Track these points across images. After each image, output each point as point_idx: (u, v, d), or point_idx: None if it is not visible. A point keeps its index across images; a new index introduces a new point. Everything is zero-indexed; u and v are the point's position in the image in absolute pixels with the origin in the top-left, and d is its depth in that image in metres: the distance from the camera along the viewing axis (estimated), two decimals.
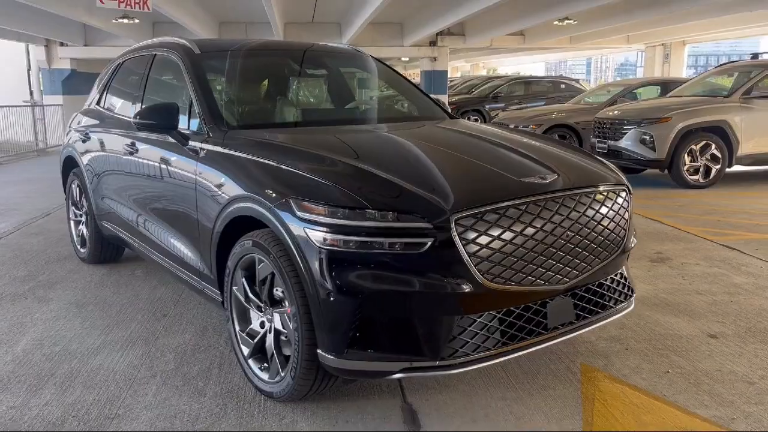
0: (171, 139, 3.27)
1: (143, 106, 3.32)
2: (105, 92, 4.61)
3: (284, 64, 4.00)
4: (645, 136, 8.56)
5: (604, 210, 2.65)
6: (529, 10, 14.31)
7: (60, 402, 2.69)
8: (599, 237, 2.61)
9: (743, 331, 3.40)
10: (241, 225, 2.77)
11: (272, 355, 2.63)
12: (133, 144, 3.71)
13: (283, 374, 2.54)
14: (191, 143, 3.13)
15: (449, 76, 20.36)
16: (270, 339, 2.65)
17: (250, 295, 2.73)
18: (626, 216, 2.79)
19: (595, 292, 2.68)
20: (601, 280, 2.71)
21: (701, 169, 8.37)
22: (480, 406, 2.62)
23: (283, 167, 2.57)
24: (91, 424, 2.50)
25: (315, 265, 2.27)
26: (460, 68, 41.29)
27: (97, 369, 3.00)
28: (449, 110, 3.98)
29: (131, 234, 3.95)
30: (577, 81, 20.12)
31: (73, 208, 4.97)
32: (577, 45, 21.33)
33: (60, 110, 15.66)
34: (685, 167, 8.36)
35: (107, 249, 4.68)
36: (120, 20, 13.07)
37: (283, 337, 2.60)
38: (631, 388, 2.76)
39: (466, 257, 2.25)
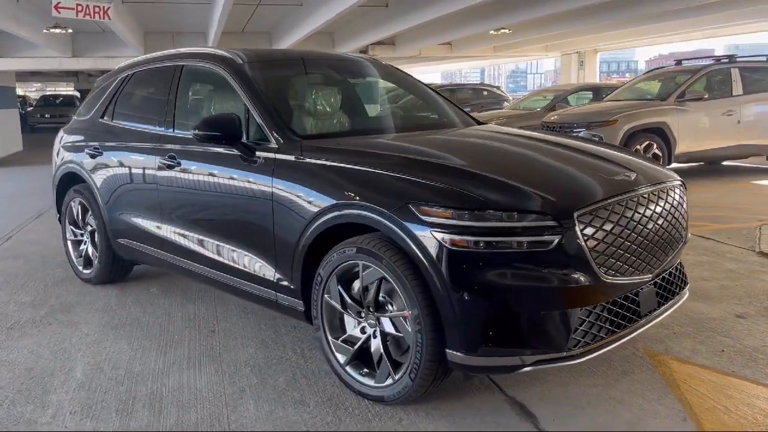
0: (228, 151, 3.23)
1: (203, 118, 3.24)
2: (111, 105, 4.43)
3: (330, 73, 4.01)
4: (594, 138, 9.09)
5: (674, 204, 2.88)
6: (459, 23, 14.77)
7: (164, 424, 2.60)
8: (673, 229, 2.84)
9: (764, 310, 3.74)
10: (329, 235, 2.80)
11: (379, 359, 2.67)
12: (172, 158, 3.61)
13: (396, 377, 2.59)
14: (260, 154, 3.10)
15: None
16: (376, 343, 2.68)
17: (349, 301, 2.75)
18: (686, 209, 3.03)
19: (668, 281, 2.90)
20: (671, 270, 2.94)
21: None
22: (578, 394, 2.77)
23: (389, 173, 2.63)
24: None
25: (446, 267, 2.35)
26: None
27: (179, 389, 2.92)
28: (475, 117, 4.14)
29: (164, 250, 3.83)
30: (497, 88, 20.96)
31: (72, 227, 4.73)
32: (501, 53, 22.24)
33: None
34: None
35: (117, 268, 4.49)
36: (51, 30, 12.35)
37: (387, 341, 2.65)
38: (701, 367, 3.00)
39: (587, 252, 2.39)
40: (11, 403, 2.82)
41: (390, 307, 2.65)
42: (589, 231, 2.42)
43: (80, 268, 4.67)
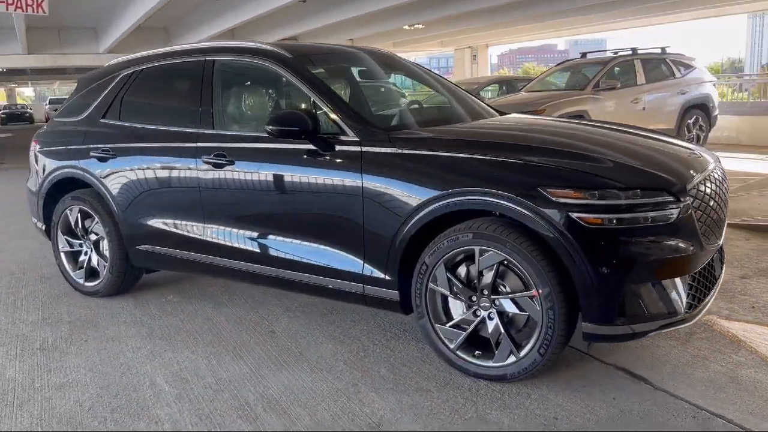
0: (300, 146, 3.18)
1: (276, 114, 3.15)
2: (116, 105, 4.13)
3: (371, 66, 4.00)
4: None
5: (724, 179, 3.22)
6: (304, 16, 14.62)
7: (300, 424, 2.56)
8: (724, 203, 3.18)
9: (758, 271, 4.25)
10: (430, 225, 2.87)
11: (498, 339, 2.77)
12: (220, 156, 3.47)
13: (521, 354, 2.71)
14: (341, 148, 3.09)
15: None
16: (492, 325, 2.79)
17: (460, 286, 2.83)
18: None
19: (721, 251, 3.24)
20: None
21: None
22: (664, 355, 3.04)
23: (508, 160, 2.74)
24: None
25: (583, 244, 2.50)
26: None
27: (287, 390, 2.86)
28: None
29: (206, 253, 3.66)
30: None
31: (67, 237, 4.37)
32: (399, 49, 22.69)
33: None
34: None
35: (129, 277, 4.23)
36: None
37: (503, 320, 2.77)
38: (746, 323, 3.38)
39: (696, 223, 2.65)
40: (115, 422, 2.64)
41: (503, 288, 2.76)
42: (696, 204, 2.67)
43: (81, 281, 4.33)
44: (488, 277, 2.76)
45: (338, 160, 3.09)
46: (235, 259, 3.56)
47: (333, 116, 3.17)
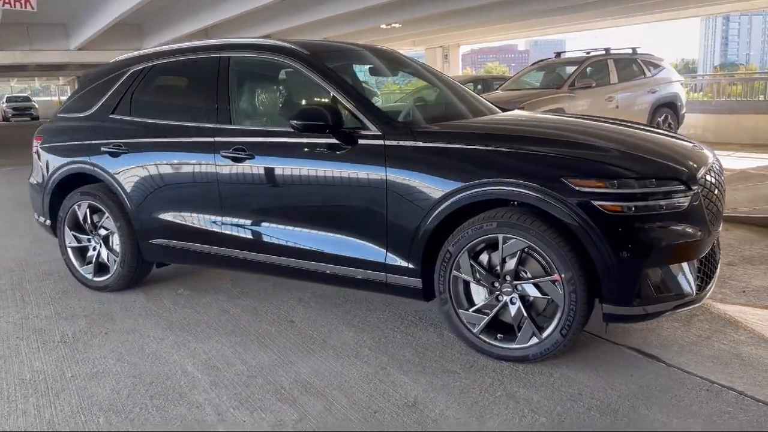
0: (323, 140, 3.28)
1: (301, 109, 3.26)
2: (126, 101, 4.16)
3: (383, 63, 4.11)
4: None
5: (722, 171, 3.44)
6: (279, 15, 14.66)
7: (338, 404, 2.68)
8: (723, 193, 3.40)
9: (743, 259, 4.51)
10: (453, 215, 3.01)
11: (520, 323, 2.93)
12: (239, 150, 3.55)
13: (544, 335, 2.87)
14: (364, 142, 3.20)
15: None
16: (515, 309, 2.94)
17: (483, 273, 2.98)
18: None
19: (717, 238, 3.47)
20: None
21: None
22: (670, 336, 3.24)
23: (531, 152, 2.90)
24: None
25: (605, 231, 2.67)
26: None
27: (319, 374, 2.97)
28: None
29: (223, 246, 3.74)
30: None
31: (74, 233, 4.38)
32: None
33: None
34: None
35: (140, 271, 4.27)
36: None
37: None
38: (740, 305, 3.62)
39: (704, 210, 2.85)
40: (157, 407, 2.71)
41: (524, 274, 2.92)
42: (703, 193, 2.88)
43: (89, 276, 4.34)
44: (511, 263, 2.91)
45: (361, 154, 3.21)
46: (254, 251, 3.64)
47: (354, 111, 3.28)
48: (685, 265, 2.82)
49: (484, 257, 3.01)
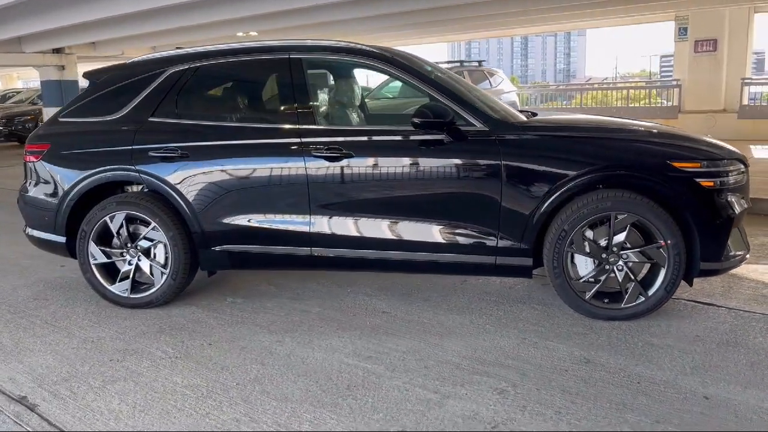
0: (431, 137, 3.54)
1: (420, 109, 3.44)
2: (170, 103, 3.93)
3: (426, 65, 4.33)
4: None
5: None
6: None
7: (512, 372, 3.00)
8: None
9: None
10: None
11: (626, 286, 3.49)
12: (334, 149, 3.62)
13: (650, 293, 3.47)
14: (476, 138, 3.53)
15: None
16: (621, 275, 3.50)
17: (594, 246, 3.49)
18: None
19: None
20: None
21: None
22: (707, 288, 4.04)
23: (635, 141, 3.53)
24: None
25: (704, 202, 3.36)
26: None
27: (485, 349, 3.23)
28: None
29: (316, 246, 3.76)
30: None
31: (102, 248, 3.99)
32: None
33: None
34: None
35: (188, 283, 4.07)
36: None
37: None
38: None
39: (748, 186, 3.68)
40: (355, 399, 2.78)
41: (627, 245, 3.49)
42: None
43: (125, 294, 3.99)
44: (620, 236, 3.46)
45: (475, 148, 3.53)
46: (353, 247, 3.73)
47: (456, 110, 3.58)
48: (743, 227, 3.62)
49: (589, 233, 3.52)
